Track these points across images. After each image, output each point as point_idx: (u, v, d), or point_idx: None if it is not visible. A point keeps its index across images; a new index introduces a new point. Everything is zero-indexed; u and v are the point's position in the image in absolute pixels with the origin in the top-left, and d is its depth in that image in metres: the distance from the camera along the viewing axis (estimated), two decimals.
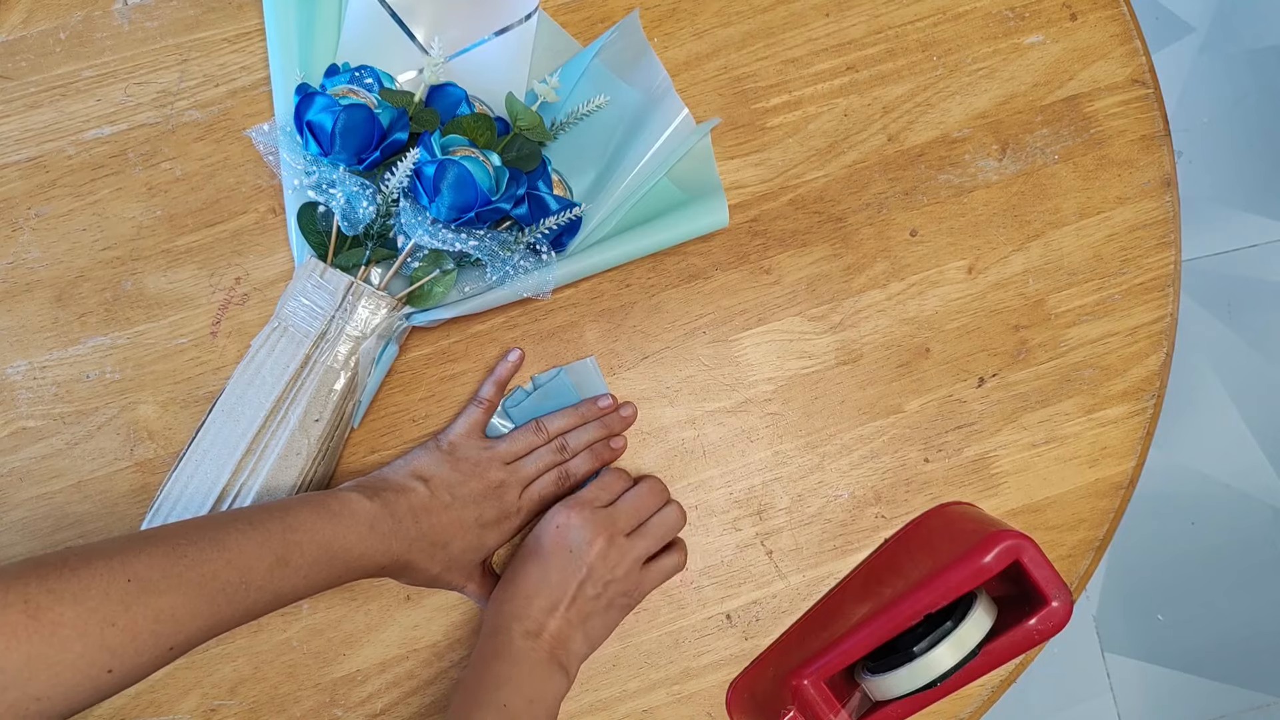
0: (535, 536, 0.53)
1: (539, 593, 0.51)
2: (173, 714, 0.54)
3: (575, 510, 0.52)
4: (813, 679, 0.50)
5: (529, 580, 0.51)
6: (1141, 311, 0.61)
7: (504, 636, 0.50)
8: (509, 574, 0.53)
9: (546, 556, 0.52)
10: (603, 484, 0.55)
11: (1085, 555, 0.60)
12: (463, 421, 0.55)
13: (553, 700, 0.49)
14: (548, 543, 0.52)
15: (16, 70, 0.57)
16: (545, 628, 0.50)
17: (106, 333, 0.56)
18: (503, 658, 0.49)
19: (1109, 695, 1.32)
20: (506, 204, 0.51)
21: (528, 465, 0.55)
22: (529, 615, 0.50)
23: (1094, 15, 0.62)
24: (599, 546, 0.52)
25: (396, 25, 0.56)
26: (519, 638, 0.50)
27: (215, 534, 0.43)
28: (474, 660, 0.50)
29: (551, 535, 0.52)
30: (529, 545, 0.53)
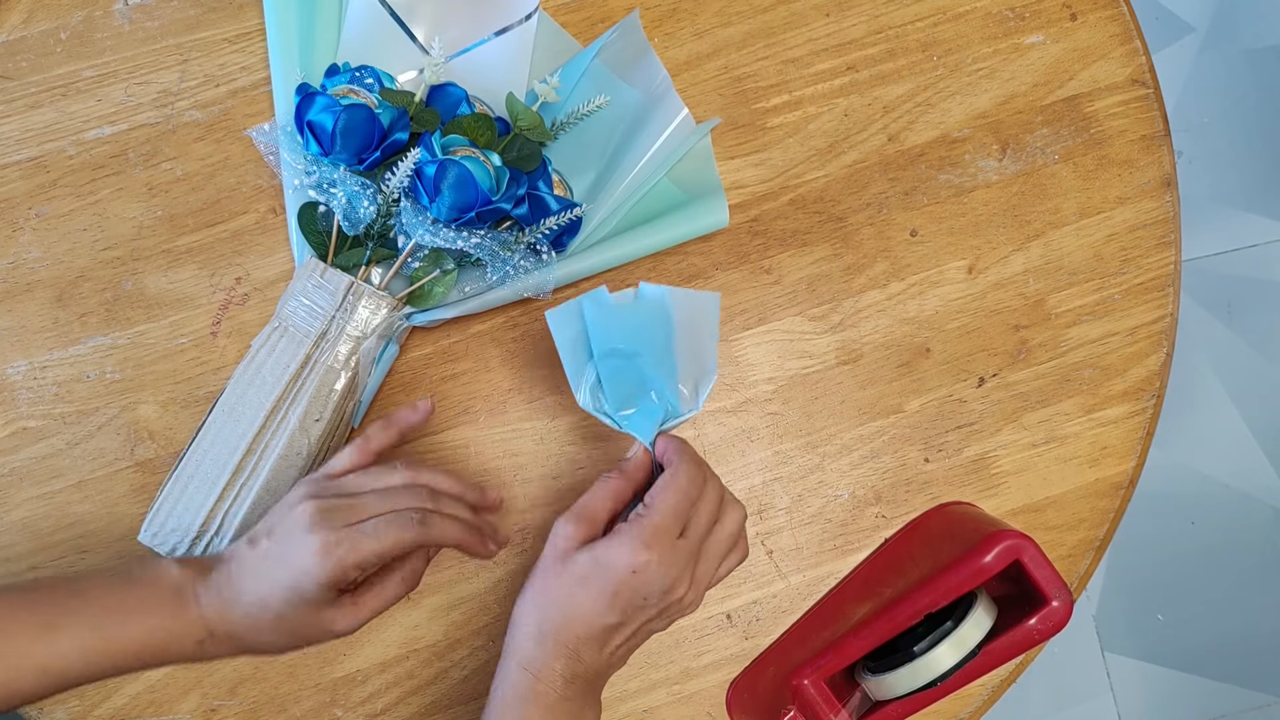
0: (600, 564, 0.44)
1: (593, 634, 0.44)
2: (173, 714, 0.54)
3: (655, 547, 0.44)
4: (813, 679, 0.50)
5: (582, 614, 0.44)
6: (1141, 311, 0.61)
7: (543, 678, 0.44)
8: (549, 595, 0.45)
9: (614, 595, 0.44)
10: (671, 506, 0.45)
11: (1085, 555, 0.60)
12: (340, 457, 0.49)
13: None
14: (618, 581, 0.44)
15: (17, 70, 0.57)
16: (592, 667, 0.45)
17: (107, 333, 0.56)
18: (538, 703, 0.44)
19: (1109, 695, 1.32)
20: (507, 204, 0.51)
21: (373, 497, 0.47)
22: (579, 657, 0.44)
23: (1094, 15, 0.62)
24: (678, 592, 0.45)
25: (397, 25, 0.56)
26: (562, 683, 0.44)
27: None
28: (503, 698, 0.44)
29: (625, 577, 0.43)
30: (587, 569, 0.44)
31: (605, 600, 0.44)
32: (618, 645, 0.46)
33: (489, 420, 0.57)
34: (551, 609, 0.45)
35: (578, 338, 0.47)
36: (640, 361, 0.47)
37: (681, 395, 0.48)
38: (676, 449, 0.47)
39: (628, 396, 0.48)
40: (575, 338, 0.47)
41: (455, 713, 0.56)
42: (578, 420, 0.58)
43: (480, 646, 0.56)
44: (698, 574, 0.46)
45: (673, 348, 0.47)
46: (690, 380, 0.48)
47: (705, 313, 0.48)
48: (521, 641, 0.45)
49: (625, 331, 0.46)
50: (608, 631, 0.45)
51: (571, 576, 0.45)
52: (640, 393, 0.48)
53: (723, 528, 0.47)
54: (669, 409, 0.48)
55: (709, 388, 0.48)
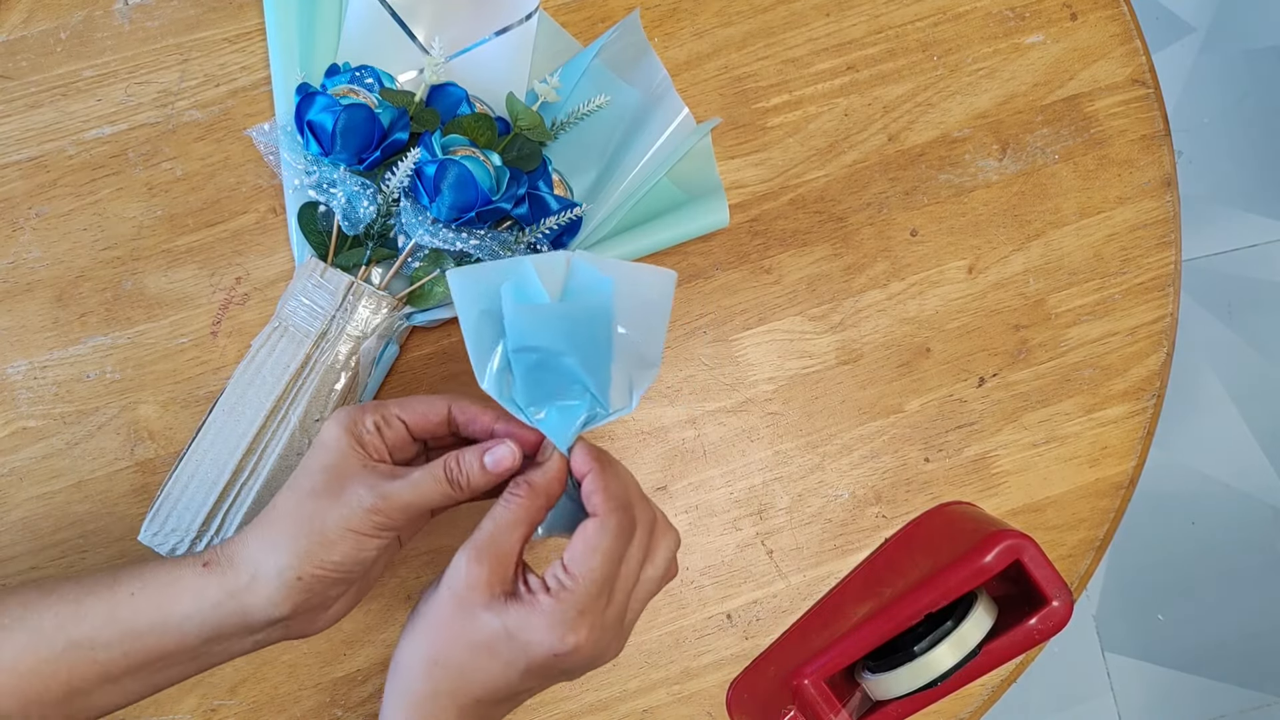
0: (514, 640, 0.37)
1: (497, 698, 0.39)
2: (173, 714, 0.54)
3: (581, 627, 0.38)
4: (813, 678, 0.50)
5: (485, 682, 0.38)
6: (1142, 311, 0.61)
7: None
8: (444, 649, 0.38)
9: (527, 673, 0.38)
10: (598, 574, 0.38)
11: (1085, 555, 0.60)
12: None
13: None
14: (534, 661, 0.38)
15: (17, 70, 0.57)
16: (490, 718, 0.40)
17: (107, 332, 0.56)
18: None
19: (1109, 695, 1.32)
20: (507, 204, 0.51)
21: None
22: (477, 713, 0.39)
23: (1094, 15, 0.62)
24: (606, 659, 0.40)
25: (397, 25, 0.56)
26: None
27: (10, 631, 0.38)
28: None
29: (544, 659, 0.38)
30: (495, 639, 0.38)
31: (516, 675, 0.38)
32: (524, 698, 0.41)
33: None
34: (448, 668, 0.38)
35: (487, 315, 0.39)
36: (564, 360, 0.39)
37: (613, 392, 0.40)
38: (597, 474, 0.39)
39: (544, 394, 0.40)
40: (484, 314, 0.39)
41: None
42: None
43: None
44: (626, 624, 0.40)
45: (610, 345, 0.39)
46: (625, 375, 0.40)
47: (656, 297, 0.40)
48: (408, 689, 0.38)
49: (550, 334, 0.38)
50: (514, 697, 0.40)
51: (475, 638, 0.38)
52: (560, 390, 0.40)
53: (654, 565, 0.41)
54: (594, 409, 0.40)
55: (647, 384, 0.40)
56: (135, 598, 0.39)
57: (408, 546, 0.55)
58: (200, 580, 0.39)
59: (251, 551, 0.39)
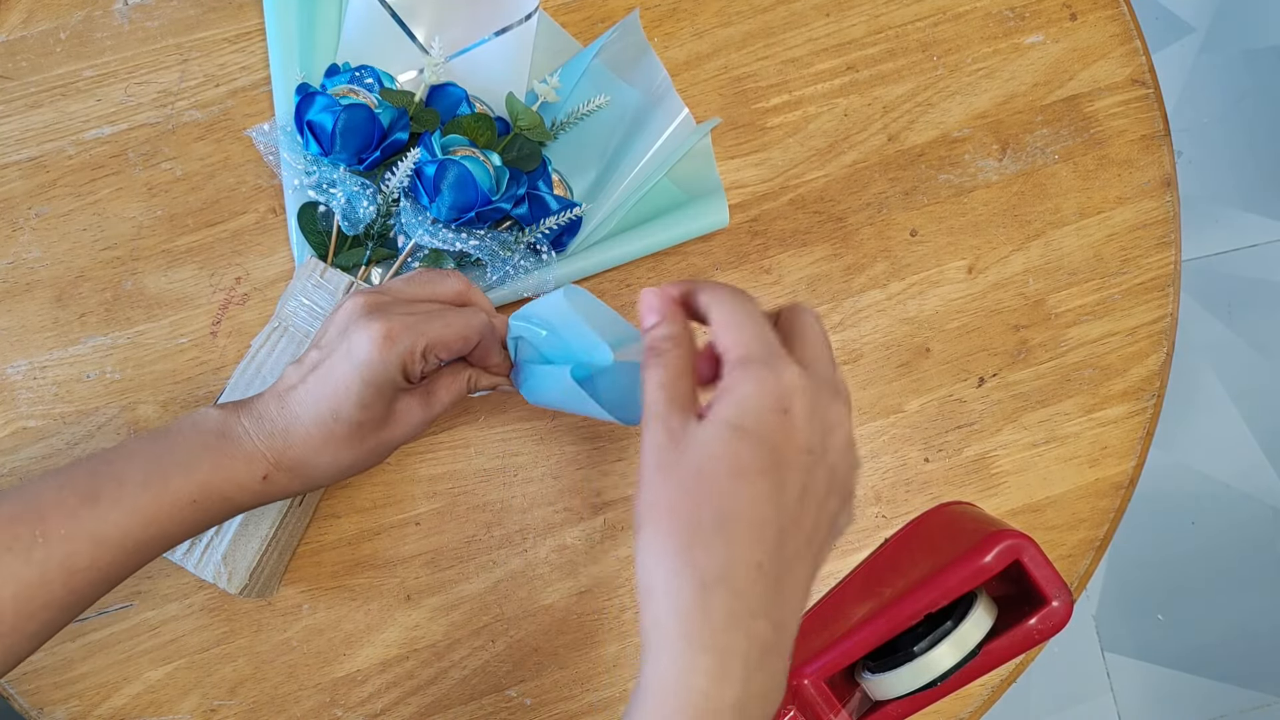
0: (736, 423, 0.31)
1: (769, 546, 0.31)
2: (173, 714, 0.54)
3: (777, 361, 0.32)
4: (813, 679, 0.50)
5: (744, 515, 0.31)
6: (1141, 311, 0.61)
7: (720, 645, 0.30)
8: (683, 517, 0.31)
9: (774, 460, 0.31)
10: (749, 325, 0.33)
11: (1085, 555, 0.60)
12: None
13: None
14: (774, 438, 0.31)
15: (17, 70, 0.57)
16: (777, 610, 0.33)
17: (107, 332, 0.56)
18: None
19: (1109, 695, 1.32)
20: (507, 204, 0.51)
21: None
22: (740, 578, 0.31)
23: (1094, 15, 0.62)
24: (836, 417, 0.33)
25: (397, 25, 0.56)
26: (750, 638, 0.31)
27: (14, 490, 0.39)
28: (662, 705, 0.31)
29: (774, 425, 0.31)
30: (721, 441, 0.31)
31: (766, 475, 0.31)
32: (802, 554, 0.33)
33: (489, 420, 0.57)
34: (698, 537, 0.31)
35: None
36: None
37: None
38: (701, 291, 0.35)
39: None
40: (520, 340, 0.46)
41: (455, 713, 0.56)
42: (578, 420, 0.58)
43: (480, 646, 0.56)
44: (841, 412, 0.34)
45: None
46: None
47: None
48: (669, 612, 0.31)
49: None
50: (782, 535, 0.32)
51: (704, 467, 0.31)
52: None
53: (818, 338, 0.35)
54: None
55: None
56: (197, 504, 0.40)
57: (410, 550, 0.56)
58: (261, 487, 0.41)
59: (310, 467, 0.42)
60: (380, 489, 0.56)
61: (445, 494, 0.56)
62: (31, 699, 0.53)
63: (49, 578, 0.38)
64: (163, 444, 0.41)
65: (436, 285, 0.45)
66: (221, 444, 0.41)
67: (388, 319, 0.40)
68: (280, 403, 0.42)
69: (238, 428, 0.41)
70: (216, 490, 0.40)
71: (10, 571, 0.37)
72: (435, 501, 0.56)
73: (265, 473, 0.41)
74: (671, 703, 0.31)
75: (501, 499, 0.56)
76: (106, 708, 0.54)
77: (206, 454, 0.40)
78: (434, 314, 0.42)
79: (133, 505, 0.39)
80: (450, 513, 0.56)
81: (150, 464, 0.40)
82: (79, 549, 0.38)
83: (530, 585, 0.56)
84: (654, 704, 0.31)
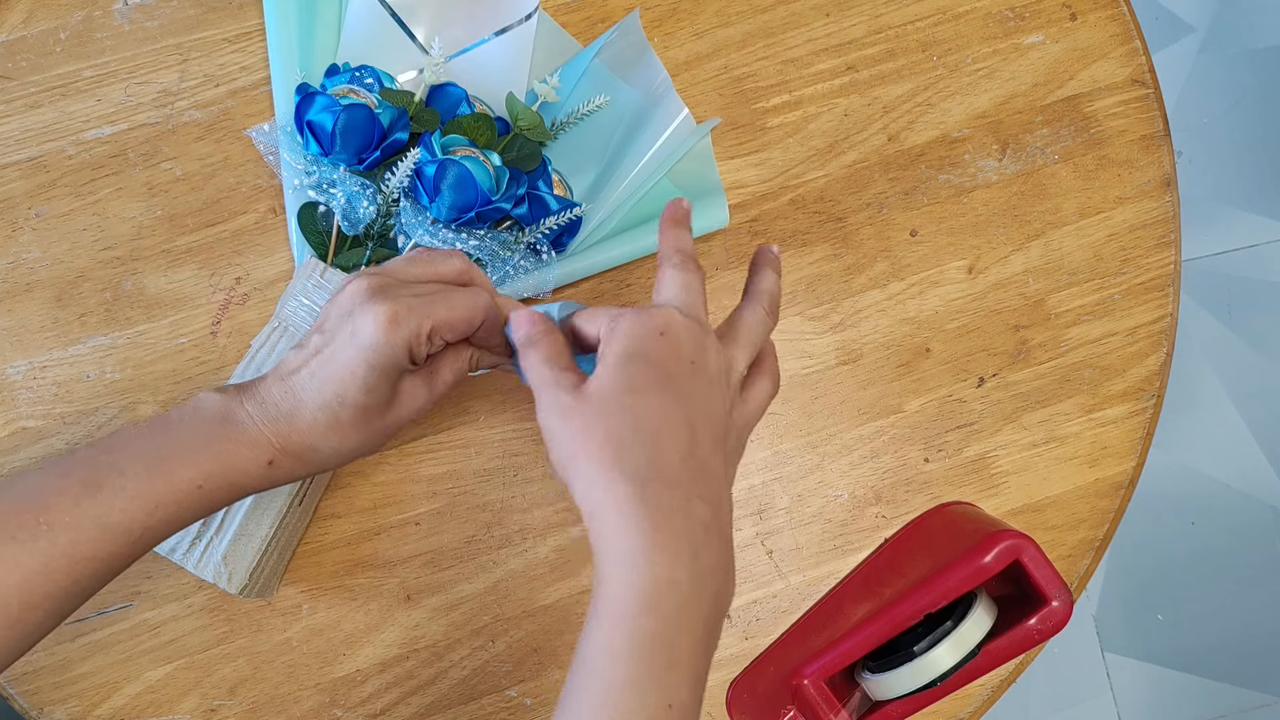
0: (628, 356, 0.37)
1: (676, 433, 0.35)
2: (173, 714, 0.54)
3: (668, 315, 0.38)
4: (813, 679, 0.50)
5: (652, 419, 0.35)
6: (1141, 311, 0.61)
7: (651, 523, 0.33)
8: (597, 436, 0.35)
9: (664, 376, 0.36)
10: (684, 282, 0.39)
11: (1085, 555, 0.60)
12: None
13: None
14: (658, 356, 0.36)
15: (17, 70, 0.57)
16: (708, 491, 0.36)
17: (106, 332, 0.56)
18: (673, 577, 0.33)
19: (1109, 695, 1.32)
20: (507, 204, 0.51)
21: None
22: (669, 471, 0.35)
23: (1094, 15, 0.62)
24: (714, 358, 0.38)
25: (397, 25, 0.56)
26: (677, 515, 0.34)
27: (16, 479, 0.39)
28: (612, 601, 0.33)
29: (656, 346, 0.37)
30: (617, 373, 0.36)
31: (663, 385, 0.36)
32: (716, 447, 0.37)
33: (489, 420, 0.57)
34: (623, 449, 0.35)
35: None
36: None
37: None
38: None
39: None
40: None
41: (455, 713, 0.56)
42: None
43: (480, 646, 0.56)
44: (730, 357, 0.39)
45: None
46: None
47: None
48: (615, 513, 0.34)
49: None
50: (694, 432, 0.36)
51: (607, 397, 0.36)
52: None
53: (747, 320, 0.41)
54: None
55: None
56: (202, 489, 0.40)
57: (410, 550, 0.56)
58: (266, 472, 0.41)
59: (316, 452, 0.42)
60: (380, 489, 0.56)
61: (445, 494, 0.56)
62: (31, 699, 0.53)
63: (53, 567, 0.37)
64: (164, 432, 0.40)
65: (438, 265, 0.45)
66: (225, 430, 0.40)
67: (392, 301, 0.40)
68: (284, 386, 0.41)
69: (241, 413, 0.41)
70: (221, 476, 0.40)
71: (15, 561, 0.37)
72: (435, 501, 0.56)
73: (271, 458, 0.41)
74: (630, 584, 0.33)
75: (501, 499, 0.57)
76: (106, 708, 0.54)
77: (210, 441, 0.40)
78: (438, 295, 0.42)
79: (136, 491, 0.39)
80: (450, 513, 0.56)
81: (153, 451, 0.39)
82: (83, 537, 0.38)
83: (530, 585, 0.56)
84: (614, 591, 0.33)
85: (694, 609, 0.34)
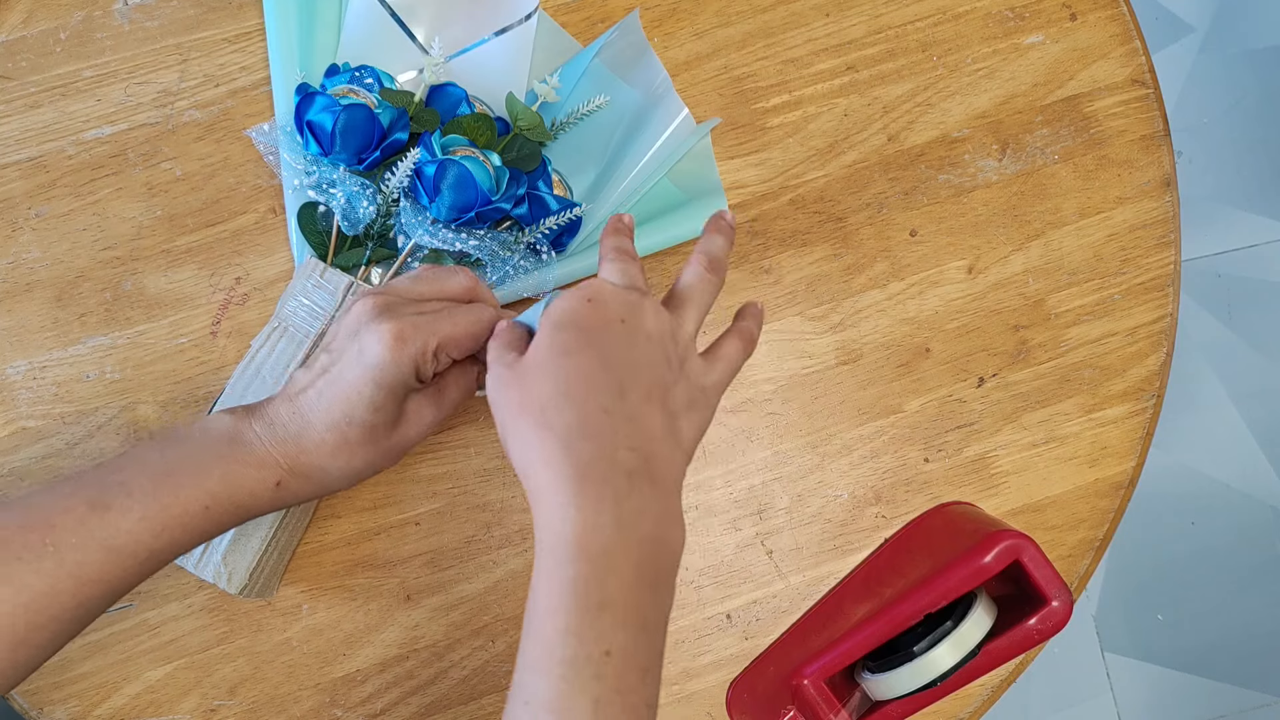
0: (557, 325, 0.38)
1: (600, 387, 0.37)
2: (172, 714, 0.54)
3: (597, 283, 0.40)
4: (813, 679, 0.50)
5: (577, 378, 0.37)
6: (1141, 311, 0.61)
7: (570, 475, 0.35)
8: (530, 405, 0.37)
9: (591, 338, 0.38)
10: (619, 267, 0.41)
11: (1085, 555, 0.60)
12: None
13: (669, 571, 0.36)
14: (586, 320, 0.38)
15: (16, 70, 0.57)
16: (636, 441, 0.36)
17: (106, 333, 0.56)
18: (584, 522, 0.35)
19: (1109, 695, 1.32)
20: (506, 204, 0.51)
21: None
22: (591, 423, 0.36)
23: (1094, 15, 0.62)
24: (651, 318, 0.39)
25: (396, 25, 0.56)
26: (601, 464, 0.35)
27: (23, 499, 0.39)
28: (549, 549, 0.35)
29: (585, 312, 0.38)
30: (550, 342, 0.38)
31: (588, 345, 0.37)
32: (655, 399, 0.38)
33: (489, 420, 0.57)
34: (547, 410, 0.37)
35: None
36: None
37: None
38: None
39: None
40: None
41: (455, 713, 0.56)
42: None
43: (480, 646, 0.56)
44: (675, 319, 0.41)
45: None
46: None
47: None
48: (544, 469, 0.36)
49: None
50: (621, 386, 0.37)
51: (536, 362, 0.38)
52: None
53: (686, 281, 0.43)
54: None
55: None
56: (209, 511, 0.40)
57: (409, 550, 0.56)
58: (274, 494, 0.41)
59: (324, 473, 0.42)
60: (380, 489, 0.56)
61: (445, 494, 0.56)
62: (31, 699, 0.53)
63: (59, 588, 0.37)
64: (172, 452, 0.40)
65: (444, 282, 0.45)
66: (233, 450, 0.40)
67: (398, 319, 0.40)
68: (292, 407, 0.41)
69: (249, 434, 0.41)
70: (228, 498, 0.40)
71: (22, 581, 0.37)
72: (435, 501, 0.56)
73: (279, 479, 0.41)
74: (560, 534, 0.35)
75: (501, 499, 0.57)
76: (106, 708, 0.54)
77: (218, 461, 0.40)
78: (443, 313, 0.42)
79: (143, 513, 0.39)
80: (450, 513, 0.56)
81: (160, 472, 0.39)
82: (89, 559, 0.38)
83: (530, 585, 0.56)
84: (547, 545, 0.35)
85: (621, 553, 0.34)
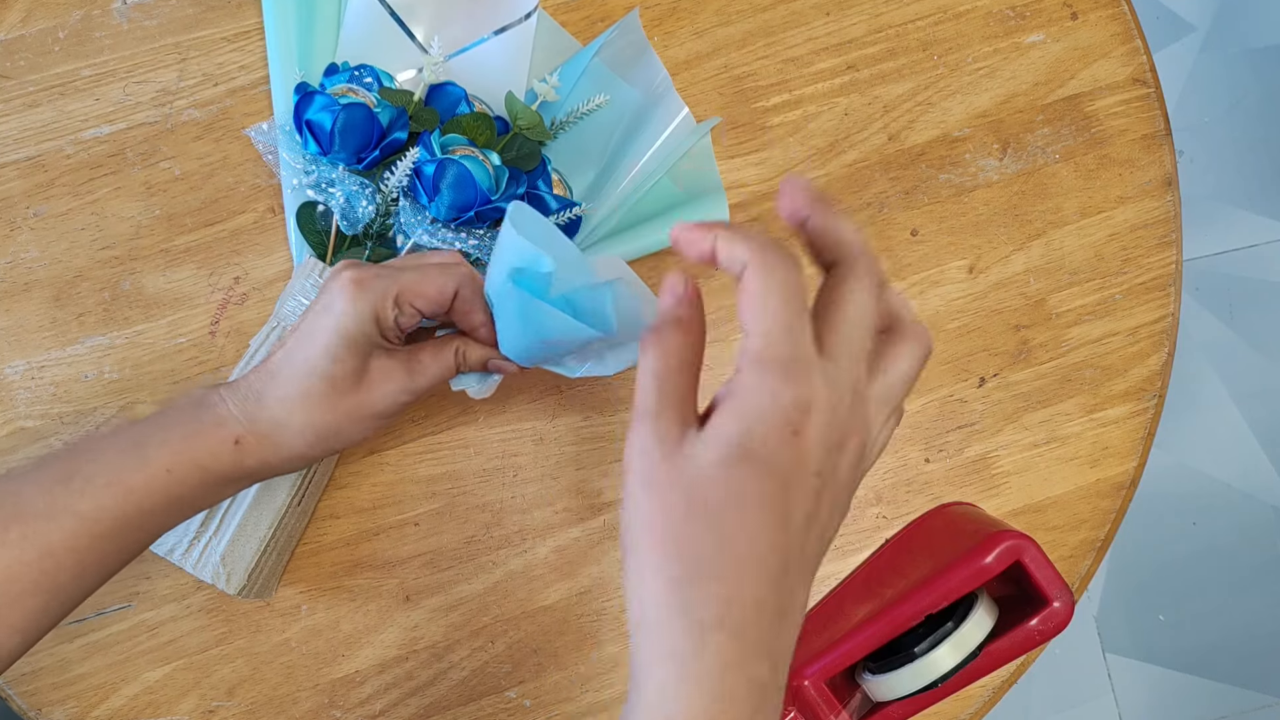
0: (745, 453, 0.28)
1: (764, 568, 0.28)
2: (171, 715, 0.54)
3: (816, 394, 0.28)
4: (813, 680, 0.50)
5: (741, 545, 0.28)
6: (1143, 311, 0.60)
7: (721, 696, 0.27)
8: (676, 546, 0.28)
9: (778, 496, 0.28)
10: (776, 314, 0.28)
11: (1087, 555, 0.59)
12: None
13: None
14: (781, 464, 0.28)
15: (15, 69, 0.57)
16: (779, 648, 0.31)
17: (105, 332, 0.56)
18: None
19: (1110, 695, 1.32)
20: (506, 203, 0.51)
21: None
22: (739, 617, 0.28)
23: (1095, 14, 0.61)
24: (850, 457, 0.30)
25: (396, 24, 0.56)
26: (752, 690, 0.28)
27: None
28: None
29: (784, 454, 0.28)
30: (720, 464, 0.28)
31: (771, 506, 0.27)
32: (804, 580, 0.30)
33: (489, 420, 0.57)
34: (693, 574, 0.28)
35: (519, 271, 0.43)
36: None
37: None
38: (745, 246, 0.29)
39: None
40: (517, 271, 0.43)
41: (454, 714, 0.56)
42: (578, 420, 0.57)
43: (480, 647, 0.56)
44: (866, 401, 0.31)
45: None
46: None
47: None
48: (664, 652, 0.28)
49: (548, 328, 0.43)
50: (785, 566, 0.29)
51: (700, 493, 0.28)
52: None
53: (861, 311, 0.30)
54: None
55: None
56: (171, 474, 0.40)
57: (409, 550, 0.55)
58: (234, 452, 0.41)
59: (284, 430, 0.42)
60: (380, 489, 0.56)
61: (445, 494, 0.56)
62: (30, 700, 0.53)
63: (26, 559, 0.38)
64: (143, 423, 0.41)
65: (424, 257, 0.46)
66: (196, 411, 0.41)
67: (360, 270, 0.42)
68: (261, 369, 0.42)
69: (214, 397, 0.42)
70: (190, 458, 0.40)
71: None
72: (435, 502, 0.56)
73: (237, 436, 0.41)
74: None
75: (501, 499, 0.56)
76: (105, 709, 0.54)
77: (180, 423, 0.41)
78: (408, 266, 0.43)
79: (108, 479, 0.39)
80: (450, 513, 0.56)
81: (129, 440, 0.40)
82: (55, 525, 0.38)
83: (530, 586, 0.56)
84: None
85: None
